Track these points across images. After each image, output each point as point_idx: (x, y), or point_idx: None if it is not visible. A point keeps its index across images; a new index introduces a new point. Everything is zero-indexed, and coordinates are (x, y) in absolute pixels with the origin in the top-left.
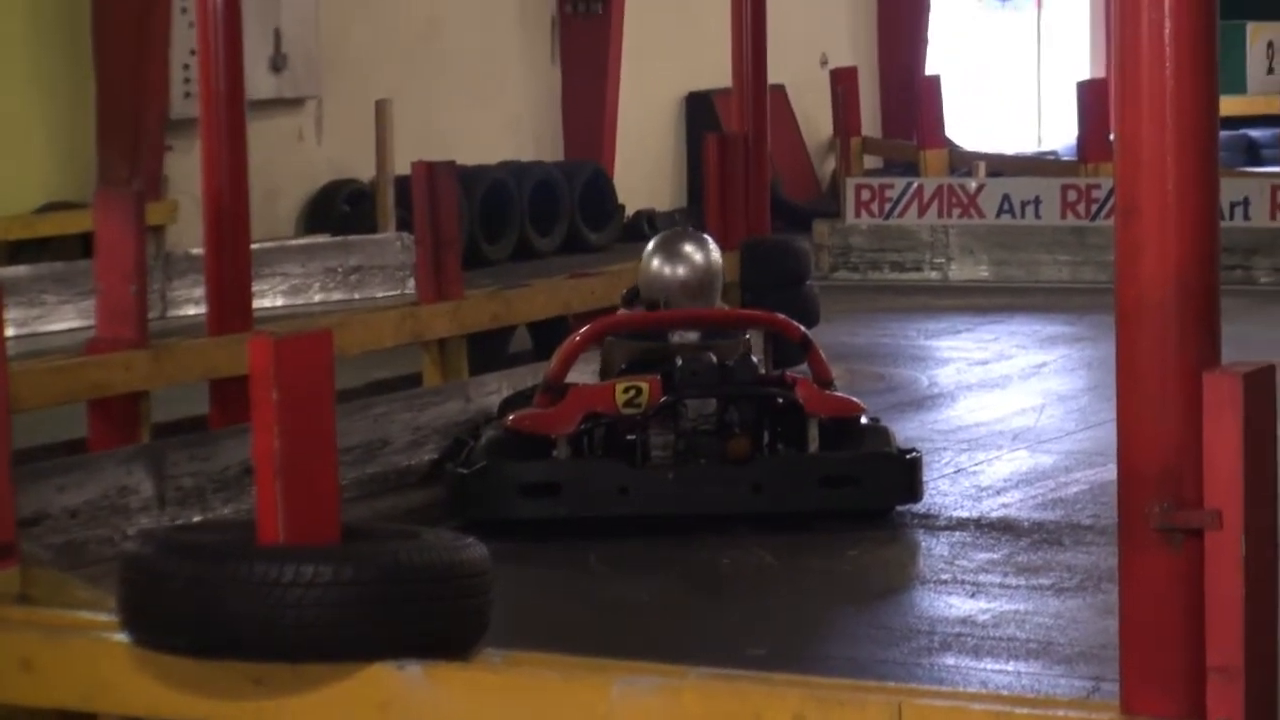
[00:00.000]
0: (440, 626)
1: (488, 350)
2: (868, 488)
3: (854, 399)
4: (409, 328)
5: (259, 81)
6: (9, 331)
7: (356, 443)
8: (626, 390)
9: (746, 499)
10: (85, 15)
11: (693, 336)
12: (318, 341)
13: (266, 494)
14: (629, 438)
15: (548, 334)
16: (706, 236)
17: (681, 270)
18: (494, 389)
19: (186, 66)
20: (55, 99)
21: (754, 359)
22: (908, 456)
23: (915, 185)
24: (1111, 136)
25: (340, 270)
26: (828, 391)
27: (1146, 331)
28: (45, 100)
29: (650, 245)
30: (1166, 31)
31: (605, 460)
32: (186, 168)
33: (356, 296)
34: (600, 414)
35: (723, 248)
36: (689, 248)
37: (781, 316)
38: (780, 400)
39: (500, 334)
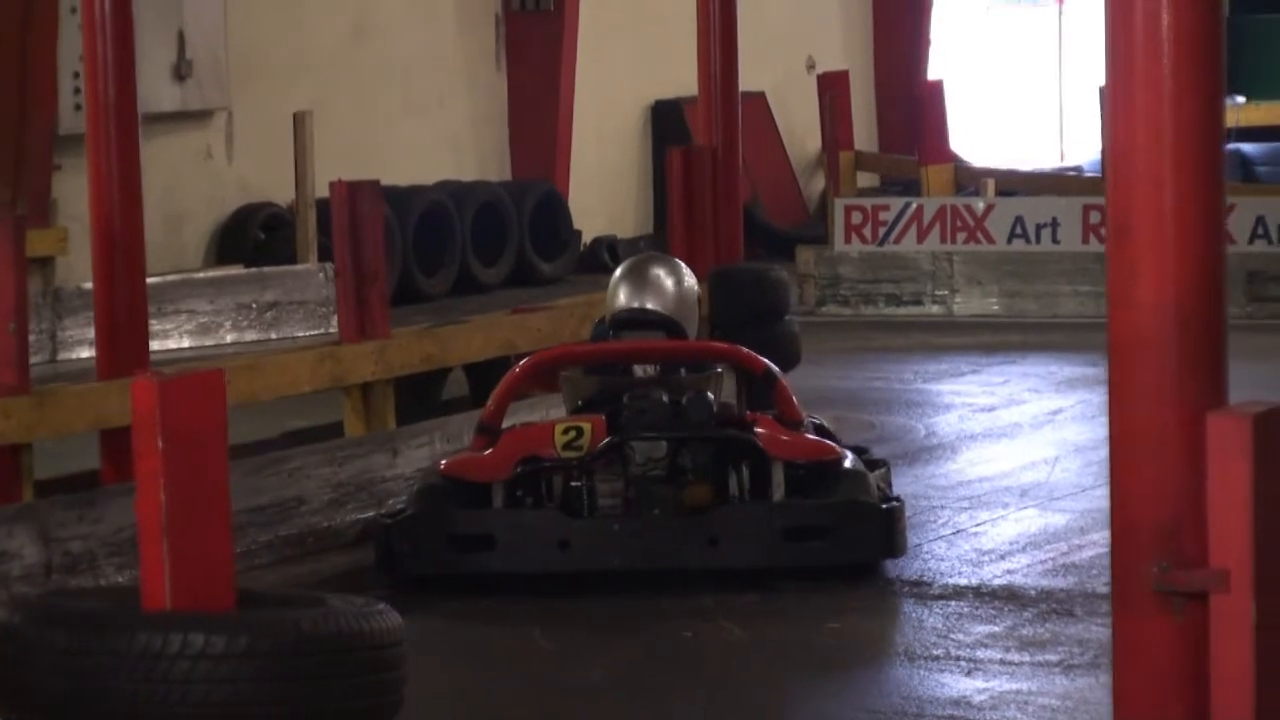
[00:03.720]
0: (347, 704)
1: (418, 396)
2: (837, 541)
3: (826, 441)
4: (328, 370)
5: (160, 92)
6: None
7: (269, 501)
8: (566, 431)
9: (702, 553)
10: None
11: (654, 371)
12: (208, 382)
13: (152, 554)
14: (573, 484)
15: (486, 377)
16: (679, 261)
17: (650, 299)
18: (425, 440)
19: (77, 75)
20: None
21: (709, 396)
22: (884, 505)
23: (914, 206)
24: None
25: (255, 306)
26: (795, 433)
27: (1142, 366)
28: None
29: (617, 271)
30: (1164, 27)
31: (545, 510)
32: (78, 190)
33: (274, 336)
34: (538, 458)
35: None
36: (659, 272)
37: (744, 350)
38: (739, 443)
39: (433, 378)
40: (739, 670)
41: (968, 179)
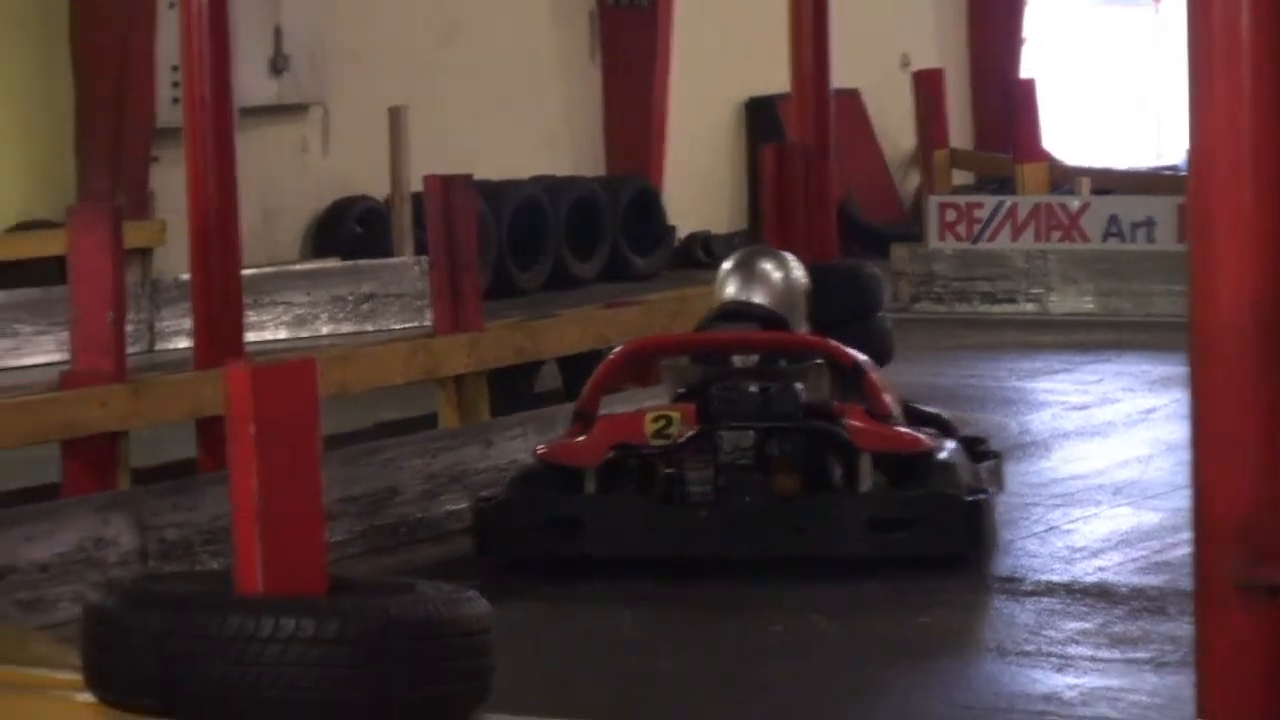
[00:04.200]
0: (435, 689)
1: (511, 389)
2: (920, 532)
3: (913, 433)
4: (422, 363)
5: (257, 85)
6: None
7: (362, 491)
8: (657, 419)
9: (786, 542)
10: (63, 15)
11: (754, 361)
12: (301, 370)
13: (245, 539)
14: (666, 471)
15: (579, 370)
16: (788, 255)
17: (758, 291)
18: (518, 432)
19: (175, 69)
20: (30, 106)
21: (798, 387)
22: (969, 499)
23: (1009, 204)
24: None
25: (350, 299)
26: (882, 425)
27: (1223, 365)
28: (19, 107)
29: (726, 264)
30: (1243, 27)
31: (634, 496)
32: (176, 182)
33: (369, 328)
34: (630, 445)
35: None
36: (767, 266)
37: (832, 342)
38: (824, 433)
39: (525, 370)
40: (826, 663)
41: (1063, 177)
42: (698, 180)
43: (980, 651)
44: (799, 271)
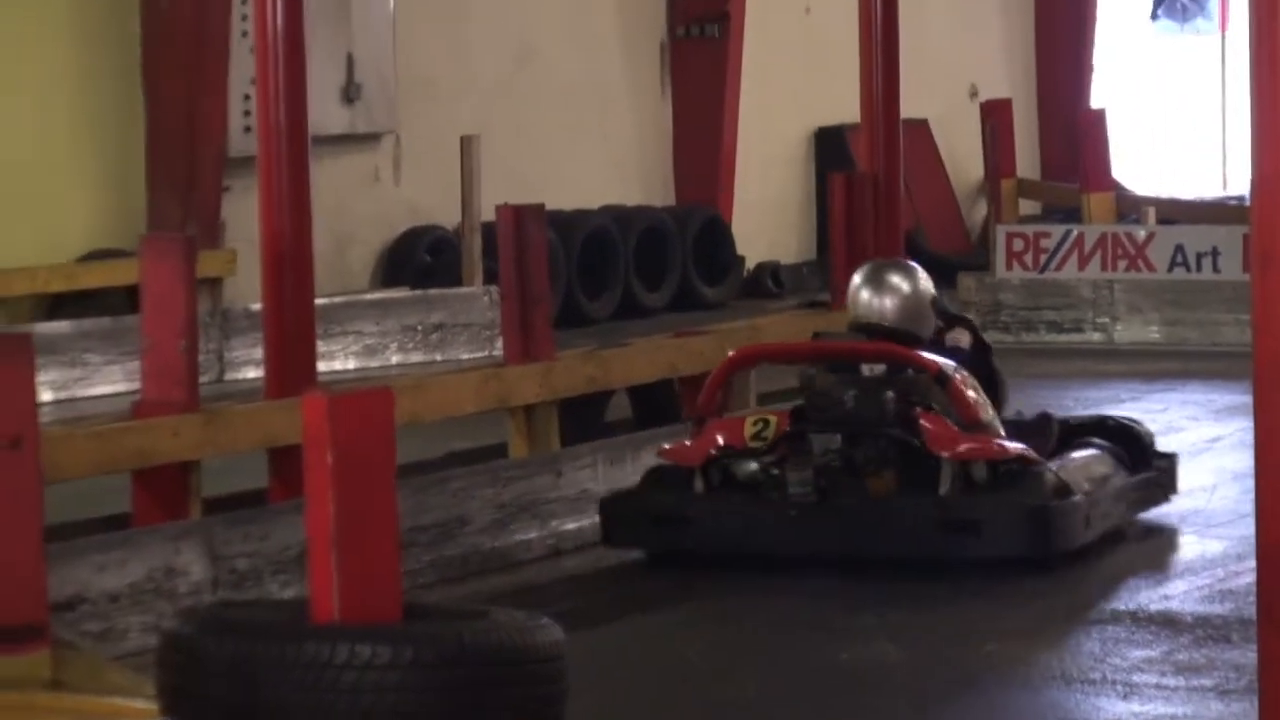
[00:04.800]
0: (509, 715)
1: (581, 418)
2: (988, 536)
3: (1001, 443)
4: (493, 391)
5: (329, 114)
6: (46, 395)
7: (432, 521)
8: (755, 423)
9: (864, 541)
10: (135, 43)
11: (880, 369)
12: (378, 400)
13: (321, 566)
14: (773, 471)
15: (649, 399)
16: (915, 265)
17: (889, 300)
18: (588, 461)
19: (247, 97)
20: (102, 134)
21: (887, 395)
22: (1038, 504)
23: (1076, 234)
24: None
25: (420, 328)
26: (962, 432)
27: None
28: (91, 136)
29: (857, 277)
30: None
31: (735, 494)
32: (247, 211)
33: (439, 358)
34: (731, 447)
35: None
36: (895, 279)
37: (915, 352)
38: (900, 439)
39: (596, 399)
40: (894, 689)
41: (1129, 207)
42: (766, 210)
43: (1046, 679)
44: (926, 282)
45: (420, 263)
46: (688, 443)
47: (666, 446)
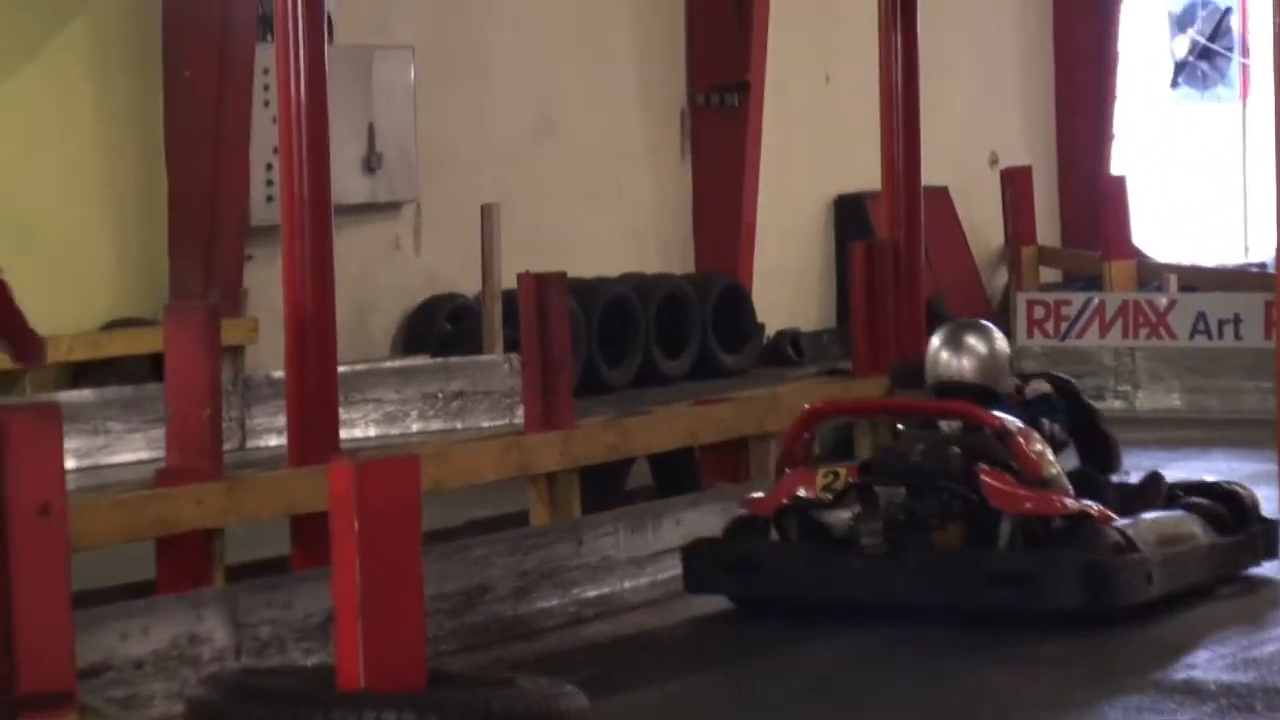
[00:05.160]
0: None
1: (602, 485)
2: (1035, 589)
3: (1062, 499)
4: (514, 459)
5: (350, 183)
6: (70, 463)
7: (454, 589)
8: (826, 475)
9: (921, 591)
10: (157, 111)
11: (956, 425)
12: (404, 468)
13: (347, 633)
14: (848, 522)
15: (670, 467)
16: (991, 326)
17: (967, 360)
18: (609, 529)
19: (269, 166)
20: (124, 203)
21: (952, 450)
22: (1095, 559)
23: (1097, 302)
24: None
25: (441, 396)
26: (1022, 488)
27: None
28: (112, 204)
29: (936, 338)
30: None
31: (808, 544)
32: (268, 280)
33: (459, 425)
34: (803, 497)
35: (871, 371)
36: (973, 338)
37: (976, 409)
38: (961, 494)
39: (617, 468)
40: None
41: (1150, 274)
42: (786, 277)
43: None
44: (1001, 342)
45: (441, 330)
46: (763, 494)
47: (749, 496)
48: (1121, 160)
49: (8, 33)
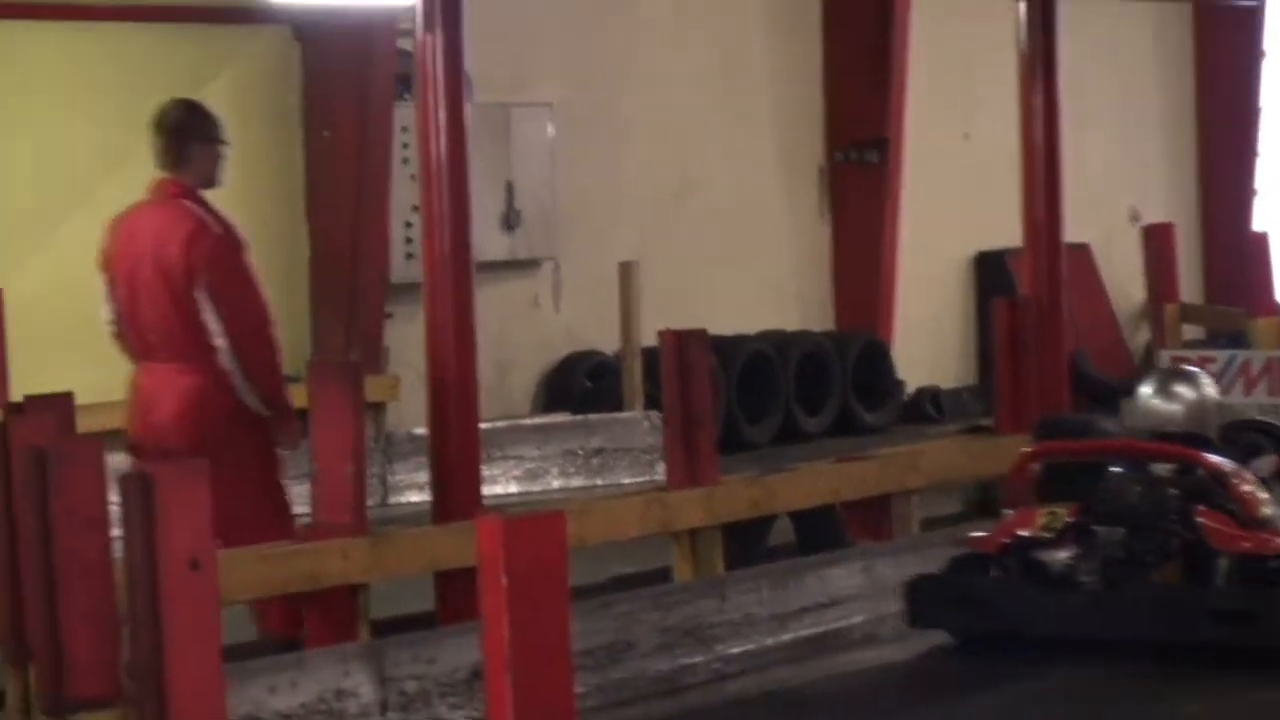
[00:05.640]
0: None
1: (744, 542)
2: (1261, 626)
3: (1269, 537)
4: (656, 516)
5: (489, 241)
6: None
7: (597, 644)
8: (1047, 514)
9: (1140, 628)
10: (298, 171)
11: (1169, 468)
12: (551, 524)
13: (497, 688)
14: (1066, 561)
15: (812, 525)
16: (1198, 372)
17: (1176, 406)
18: (752, 586)
19: (408, 225)
20: (266, 261)
21: (1169, 492)
22: None
23: (1242, 359)
24: None
25: (581, 453)
26: (1242, 529)
27: None
28: (255, 263)
29: (1145, 387)
30: None
31: (1028, 581)
32: (407, 337)
33: (600, 482)
34: (1024, 536)
35: (1013, 429)
36: (1181, 386)
37: (1194, 451)
38: (1178, 534)
39: (759, 524)
40: None
41: None
42: (927, 334)
43: None
44: (1210, 389)
45: (580, 388)
46: (980, 533)
47: (970, 535)
48: (1264, 216)
49: (151, 95)
